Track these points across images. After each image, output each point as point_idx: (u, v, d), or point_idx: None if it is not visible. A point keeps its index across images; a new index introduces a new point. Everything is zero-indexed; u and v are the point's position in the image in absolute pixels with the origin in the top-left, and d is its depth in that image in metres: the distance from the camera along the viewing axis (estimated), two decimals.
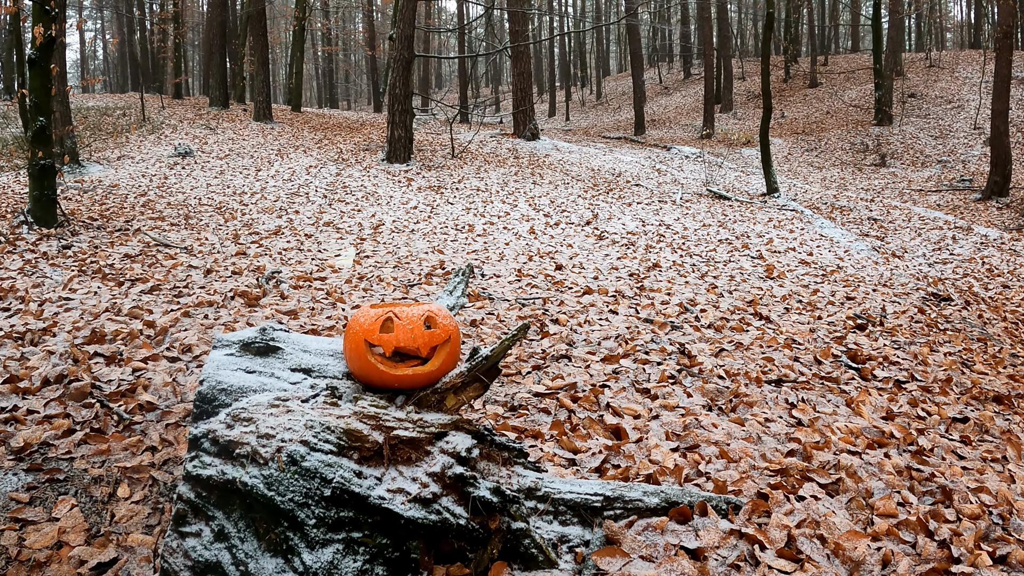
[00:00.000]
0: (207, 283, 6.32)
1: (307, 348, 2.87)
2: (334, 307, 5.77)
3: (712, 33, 32.07)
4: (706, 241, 9.58)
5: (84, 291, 5.77)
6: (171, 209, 10.08)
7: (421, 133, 21.53)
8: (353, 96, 70.18)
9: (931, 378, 5.02)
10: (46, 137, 8.05)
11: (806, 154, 25.30)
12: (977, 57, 32.81)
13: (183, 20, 32.93)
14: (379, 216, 10.33)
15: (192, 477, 2.24)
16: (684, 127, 32.10)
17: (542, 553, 2.41)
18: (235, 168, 14.37)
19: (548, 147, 19.94)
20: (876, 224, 12.50)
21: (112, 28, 52.92)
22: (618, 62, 63.31)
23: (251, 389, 2.58)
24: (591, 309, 6.06)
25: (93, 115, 20.69)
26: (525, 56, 20.50)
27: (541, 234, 9.57)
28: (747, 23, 54.28)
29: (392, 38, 16.63)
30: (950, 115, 26.85)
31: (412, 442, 2.31)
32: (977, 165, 21.00)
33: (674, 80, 44.74)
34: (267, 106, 21.23)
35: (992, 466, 3.66)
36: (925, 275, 8.49)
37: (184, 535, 2.21)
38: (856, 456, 3.55)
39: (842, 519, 2.88)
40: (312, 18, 37.48)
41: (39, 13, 7.78)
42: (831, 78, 36.05)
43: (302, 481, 2.18)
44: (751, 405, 4.22)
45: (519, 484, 2.60)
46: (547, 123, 38.64)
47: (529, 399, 4.12)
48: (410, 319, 2.62)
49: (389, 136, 15.75)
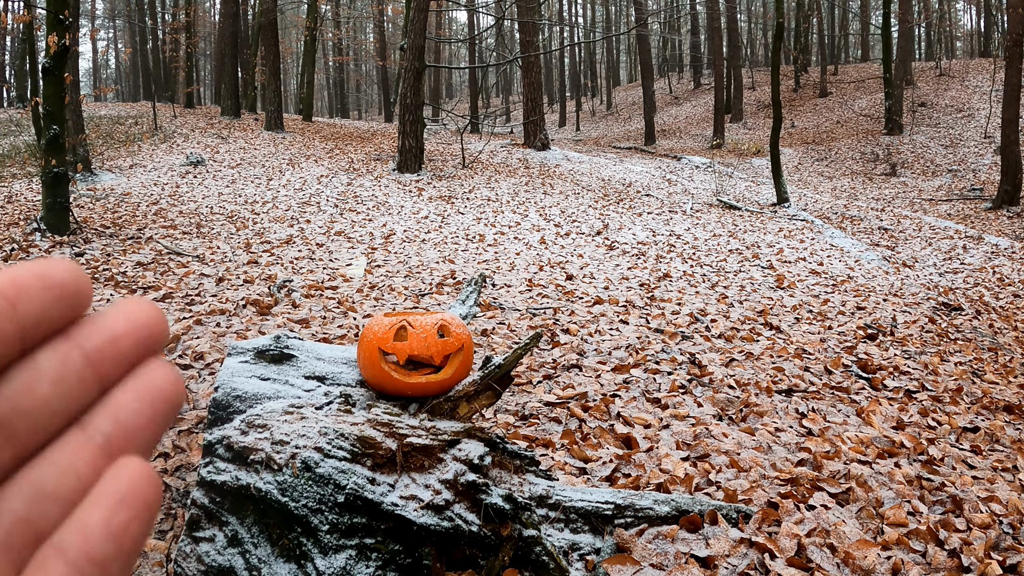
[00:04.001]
0: (219, 291, 6.36)
1: (321, 356, 2.89)
2: (345, 316, 5.79)
3: (722, 43, 32.09)
4: (716, 251, 9.58)
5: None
6: (183, 218, 10.14)
7: (432, 143, 21.59)
8: (364, 106, 70.45)
9: (942, 388, 5.01)
10: (59, 145, 8.11)
11: (816, 164, 25.27)
12: (987, 66, 32.69)
13: (195, 30, 33.14)
14: (390, 226, 10.37)
15: (206, 483, 2.27)
16: (694, 137, 32.10)
17: (553, 560, 2.42)
18: (246, 177, 14.44)
19: (558, 157, 19.97)
20: (886, 234, 12.48)
21: (124, 38, 53.28)
22: (628, 72, 63.42)
23: (265, 396, 2.60)
24: (602, 319, 6.07)
25: (105, 124, 20.82)
26: (535, 66, 20.55)
27: (552, 244, 9.59)
28: (757, 33, 54.29)
29: (403, 48, 16.70)
30: (960, 124, 26.78)
31: (425, 449, 2.33)
32: (988, 174, 20.93)
33: (684, 90, 44.77)
34: (278, 116, 21.32)
35: (1002, 475, 3.65)
36: (936, 285, 8.47)
37: (198, 540, 2.23)
38: (866, 465, 3.55)
39: (852, 528, 2.88)
40: (323, 28, 37.67)
41: (53, 22, 7.84)
42: (841, 87, 36.00)
43: (316, 487, 2.20)
44: (761, 415, 4.22)
45: (531, 492, 2.62)
46: (557, 133, 38.70)
47: (540, 408, 4.13)
48: (424, 328, 2.64)
49: (400, 146, 15.80)
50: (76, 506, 0.30)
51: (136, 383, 0.32)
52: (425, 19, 15.54)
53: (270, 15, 22.17)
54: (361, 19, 52.88)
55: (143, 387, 0.32)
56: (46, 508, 0.29)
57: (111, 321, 0.32)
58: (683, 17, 47.82)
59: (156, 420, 0.32)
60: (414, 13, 15.39)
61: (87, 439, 0.31)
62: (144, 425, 0.32)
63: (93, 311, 0.32)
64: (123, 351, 0.32)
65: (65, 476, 0.30)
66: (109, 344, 0.31)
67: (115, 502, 0.30)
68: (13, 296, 0.29)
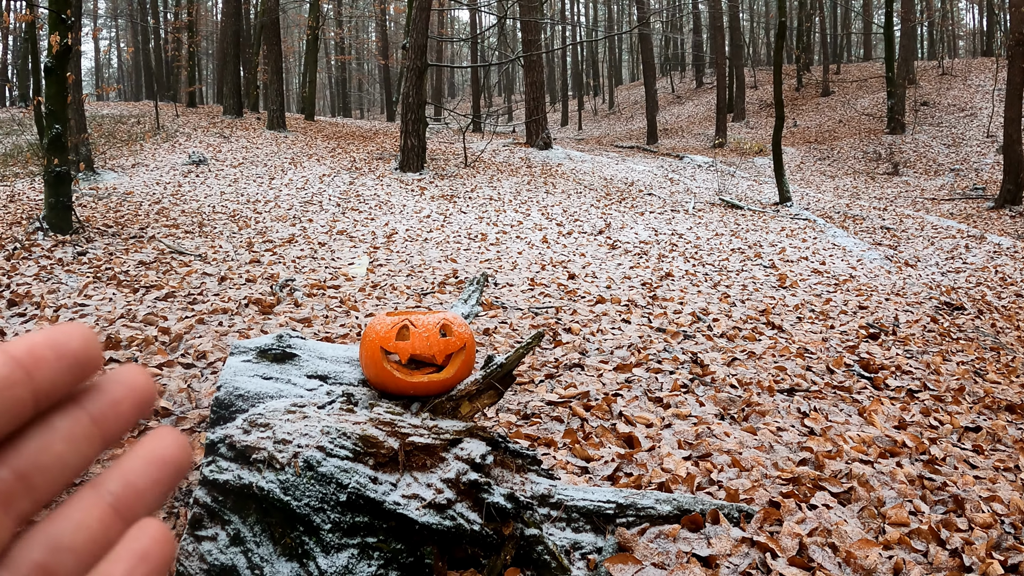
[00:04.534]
0: (221, 290, 6.37)
1: (323, 355, 2.90)
2: (347, 315, 5.80)
3: (724, 42, 32.08)
4: (719, 250, 9.58)
5: (99, 297, 5.82)
6: (185, 217, 10.15)
7: (434, 142, 21.59)
8: (366, 105, 70.43)
9: (944, 387, 5.01)
10: (61, 144, 8.11)
11: (819, 163, 25.26)
12: (990, 65, 32.66)
13: (197, 29, 33.15)
14: (392, 225, 10.37)
15: (209, 481, 2.27)
16: (696, 136, 32.09)
17: (555, 559, 2.43)
18: (249, 176, 14.45)
19: (561, 156, 19.96)
20: (889, 233, 12.47)
21: (127, 37, 53.34)
22: (630, 71, 63.38)
23: (268, 395, 2.60)
24: (604, 318, 6.07)
25: (108, 123, 20.84)
26: (538, 66, 20.55)
27: (554, 243, 9.59)
28: (759, 32, 54.25)
29: (405, 47, 16.71)
30: (963, 123, 26.75)
31: (427, 448, 2.33)
32: (990, 173, 20.91)
33: (686, 89, 44.75)
34: (281, 115, 21.32)
35: (1004, 475, 3.65)
36: (938, 284, 8.46)
37: (200, 539, 2.24)
38: (868, 465, 3.55)
39: (854, 528, 2.88)
40: (325, 27, 37.68)
41: (55, 22, 7.85)
42: (843, 87, 35.97)
43: (318, 486, 2.20)
44: (763, 414, 4.22)
45: (532, 491, 2.62)
46: (559, 132, 38.69)
47: (542, 407, 4.13)
48: (426, 327, 2.64)
49: (402, 145, 15.81)
50: (89, 557, 0.34)
51: (145, 448, 0.37)
52: (427, 18, 15.55)
53: (272, 14, 22.19)
54: (363, 18, 52.90)
55: (151, 452, 0.37)
56: (62, 558, 0.33)
57: (112, 386, 0.36)
58: (685, 16, 47.82)
59: (162, 482, 0.36)
60: (416, 12, 15.40)
61: (99, 498, 0.35)
62: (151, 487, 0.36)
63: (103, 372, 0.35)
64: (123, 413, 0.36)
65: (79, 530, 0.34)
66: (111, 407, 0.36)
67: (136, 558, 0.34)
68: (30, 366, 0.32)
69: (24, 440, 0.33)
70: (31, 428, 0.33)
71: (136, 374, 0.37)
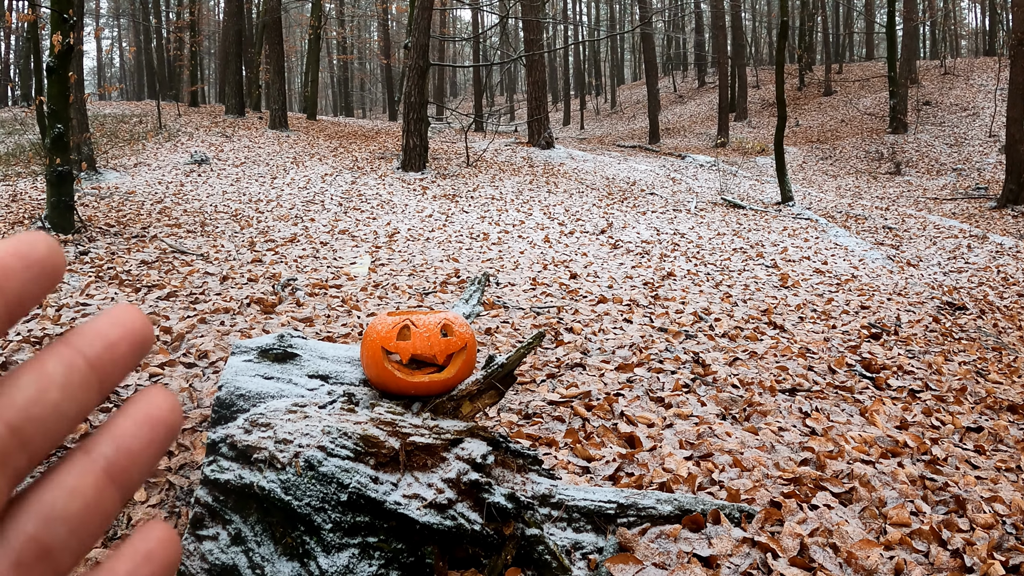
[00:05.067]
0: (223, 290, 6.37)
1: (324, 355, 2.90)
2: (349, 315, 5.80)
3: (726, 42, 32.06)
4: (720, 250, 9.57)
5: (101, 297, 5.83)
6: (187, 216, 10.15)
7: (436, 141, 21.59)
8: (368, 105, 70.47)
9: (945, 387, 5.00)
10: (63, 144, 8.12)
11: (821, 163, 25.24)
12: (992, 64, 32.63)
13: (199, 29, 33.16)
14: (394, 224, 10.37)
15: (210, 481, 2.27)
16: (698, 136, 32.07)
17: (556, 559, 2.43)
18: (251, 176, 14.46)
19: (563, 156, 19.95)
20: (891, 233, 12.46)
21: (129, 36, 53.36)
22: (632, 71, 63.36)
23: (269, 395, 2.61)
24: (605, 318, 6.07)
25: (110, 122, 20.86)
26: (540, 65, 20.54)
27: (556, 243, 9.59)
28: (761, 31, 54.23)
29: (407, 47, 16.71)
30: (965, 123, 26.73)
31: (428, 448, 2.34)
32: (992, 173, 20.90)
33: (688, 88, 44.73)
34: (283, 114, 21.33)
35: (1006, 475, 3.65)
36: (940, 284, 8.45)
37: (201, 538, 2.24)
38: (869, 465, 3.55)
39: (855, 528, 2.88)
40: (327, 27, 37.69)
41: (57, 21, 7.85)
42: (845, 86, 35.95)
43: (319, 486, 2.21)
44: (765, 414, 4.22)
45: (533, 491, 2.62)
46: (561, 132, 38.69)
47: (543, 407, 4.13)
48: (427, 327, 2.65)
49: (404, 144, 15.81)
50: (84, 527, 0.32)
51: (136, 409, 0.34)
52: (429, 17, 15.55)
53: (274, 13, 22.19)
54: (365, 17, 52.88)
55: (143, 412, 0.34)
56: (55, 529, 0.31)
57: (107, 327, 0.34)
58: (687, 16, 47.74)
59: (155, 444, 0.34)
60: (418, 11, 15.40)
61: (92, 463, 0.33)
62: (144, 449, 0.34)
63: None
64: (120, 355, 0.33)
65: (74, 498, 0.32)
66: (108, 350, 0.33)
67: (141, 557, 0.33)
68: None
69: (15, 389, 0.31)
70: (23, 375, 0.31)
71: (130, 312, 0.35)
